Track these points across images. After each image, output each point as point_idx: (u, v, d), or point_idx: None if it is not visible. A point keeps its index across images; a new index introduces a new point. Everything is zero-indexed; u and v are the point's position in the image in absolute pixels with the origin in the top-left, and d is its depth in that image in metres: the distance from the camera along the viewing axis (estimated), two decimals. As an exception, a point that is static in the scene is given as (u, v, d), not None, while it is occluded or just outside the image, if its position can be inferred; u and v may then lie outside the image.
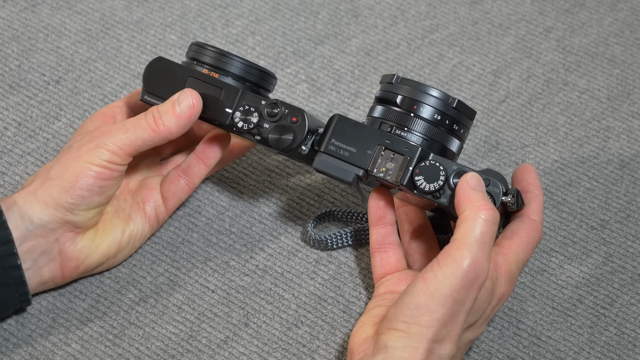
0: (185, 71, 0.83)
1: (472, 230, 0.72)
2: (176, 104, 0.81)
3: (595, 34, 1.03)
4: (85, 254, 0.82)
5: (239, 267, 0.87)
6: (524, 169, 0.82)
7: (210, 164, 0.86)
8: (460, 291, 0.71)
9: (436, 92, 0.79)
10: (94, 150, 0.79)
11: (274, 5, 1.04)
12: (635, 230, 0.90)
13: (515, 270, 0.78)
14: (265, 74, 0.84)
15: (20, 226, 0.78)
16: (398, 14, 1.04)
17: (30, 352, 0.82)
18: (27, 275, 0.80)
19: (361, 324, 0.77)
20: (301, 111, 0.80)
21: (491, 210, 0.73)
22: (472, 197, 0.73)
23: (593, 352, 0.83)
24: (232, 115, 0.81)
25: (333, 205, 0.91)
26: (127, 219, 0.85)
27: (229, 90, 0.82)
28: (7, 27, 1.01)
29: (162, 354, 0.82)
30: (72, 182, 0.79)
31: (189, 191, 0.87)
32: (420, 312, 0.71)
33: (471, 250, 0.71)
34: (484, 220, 0.72)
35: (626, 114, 0.98)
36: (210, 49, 0.83)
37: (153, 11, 1.03)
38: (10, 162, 0.92)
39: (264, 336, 0.84)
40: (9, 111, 0.96)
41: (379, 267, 0.82)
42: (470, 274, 0.71)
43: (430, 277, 0.72)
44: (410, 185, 0.77)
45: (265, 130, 0.81)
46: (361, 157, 0.79)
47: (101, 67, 0.99)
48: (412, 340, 0.72)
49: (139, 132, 0.80)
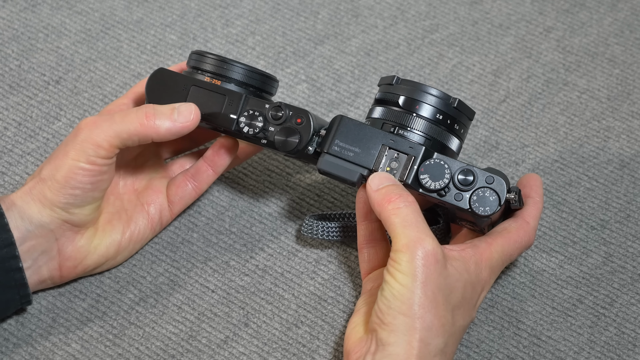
0: (188, 80, 0.83)
1: (398, 222, 0.75)
2: (176, 111, 0.80)
3: (595, 34, 1.03)
4: (83, 254, 0.82)
5: (239, 267, 0.87)
6: (530, 177, 0.83)
7: (219, 170, 0.86)
8: (424, 272, 0.73)
9: (437, 92, 0.79)
10: (79, 146, 0.78)
11: (274, 5, 1.04)
12: (635, 230, 0.90)
13: (497, 260, 0.79)
14: (267, 78, 0.84)
15: (21, 226, 0.78)
16: (398, 14, 1.04)
17: (30, 352, 0.82)
18: (26, 274, 0.79)
19: (354, 325, 0.78)
20: (305, 112, 0.81)
21: (399, 197, 0.76)
22: (379, 198, 0.77)
23: (593, 352, 0.83)
24: (237, 120, 0.82)
25: (333, 205, 0.91)
26: (128, 220, 0.84)
27: (232, 97, 0.82)
28: (7, 27, 1.01)
29: (162, 354, 0.82)
30: (63, 182, 0.78)
31: (196, 196, 0.87)
32: (398, 301, 0.73)
33: (408, 236, 0.74)
34: (400, 208, 0.76)
35: (626, 114, 0.98)
36: (210, 56, 0.83)
37: (153, 11, 1.03)
38: (10, 162, 0.92)
39: (264, 336, 0.84)
40: (9, 111, 0.96)
41: (367, 263, 0.83)
42: (421, 253, 0.74)
43: (392, 271, 0.74)
44: (416, 184, 0.78)
45: (271, 134, 0.81)
46: (365, 157, 0.79)
47: (101, 67, 0.99)
48: (404, 333, 0.73)
49: (126, 125, 0.79)
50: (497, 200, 0.77)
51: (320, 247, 0.88)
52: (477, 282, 0.77)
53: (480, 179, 0.78)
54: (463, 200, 0.78)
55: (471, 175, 0.77)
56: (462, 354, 0.83)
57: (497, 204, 0.77)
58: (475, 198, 0.77)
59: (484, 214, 0.77)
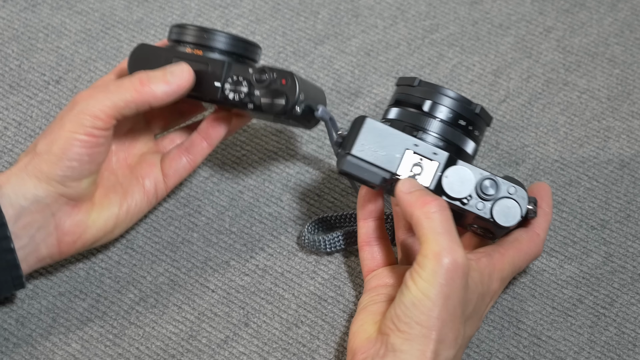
0: (169, 53, 0.82)
1: (430, 227, 0.73)
2: (168, 72, 0.80)
3: (595, 34, 1.03)
4: (82, 228, 0.81)
5: (239, 267, 0.87)
6: (540, 186, 0.83)
7: (213, 143, 0.86)
8: (448, 284, 0.71)
9: (460, 97, 0.79)
10: (76, 118, 0.78)
11: (274, 5, 1.04)
12: (635, 230, 0.90)
13: (507, 271, 0.78)
14: (248, 44, 0.84)
15: (15, 203, 0.78)
16: (398, 14, 1.04)
17: (30, 352, 0.82)
18: (24, 253, 0.79)
19: (361, 323, 0.77)
20: (290, 73, 0.80)
21: (434, 201, 0.74)
22: (412, 200, 0.74)
23: (593, 352, 0.83)
24: (222, 88, 0.81)
25: (333, 205, 0.91)
26: (124, 193, 0.84)
27: (215, 65, 0.81)
28: (7, 27, 1.01)
29: (162, 354, 0.82)
30: (60, 154, 0.78)
31: (191, 169, 0.87)
32: (418, 310, 0.72)
33: (440, 243, 0.72)
34: (434, 213, 0.73)
35: (626, 114, 0.98)
36: (190, 27, 0.82)
37: (153, 11, 1.03)
38: (10, 162, 0.92)
39: (264, 336, 0.84)
40: (9, 111, 0.96)
41: (369, 261, 0.83)
42: (450, 265, 0.71)
43: (416, 277, 0.72)
44: (438, 191, 0.77)
45: (257, 98, 0.81)
46: (389, 160, 0.78)
47: (101, 67, 0.99)
48: (419, 343, 0.71)
49: (122, 94, 0.78)
50: (519, 212, 0.77)
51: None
52: (488, 293, 0.77)
53: (503, 189, 0.77)
54: (485, 210, 0.77)
55: (494, 185, 0.77)
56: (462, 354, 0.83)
57: (518, 215, 0.77)
58: (498, 208, 0.77)
59: (506, 225, 0.77)
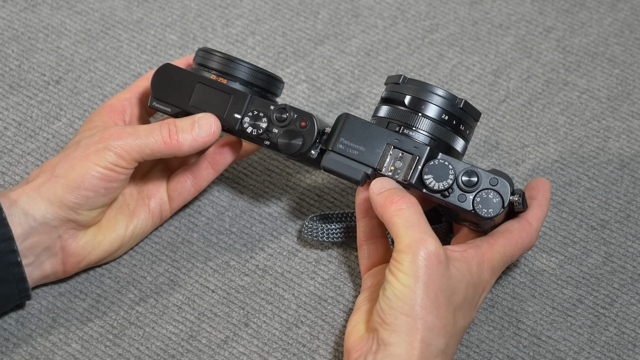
0: (193, 77, 0.83)
1: (400, 223, 0.75)
2: (196, 125, 0.81)
3: (595, 34, 1.03)
4: (87, 250, 0.82)
5: (239, 267, 0.87)
6: (539, 181, 0.83)
7: (219, 169, 0.86)
8: (426, 273, 0.73)
9: (443, 92, 0.79)
10: (101, 152, 0.79)
11: (274, 5, 1.04)
12: (635, 230, 0.90)
13: (498, 261, 0.79)
14: (272, 79, 0.84)
15: (24, 223, 0.78)
16: (398, 14, 1.04)
17: (30, 352, 0.82)
18: (28, 270, 0.80)
19: (354, 323, 0.78)
20: (310, 116, 0.81)
21: (402, 198, 0.76)
22: (382, 201, 0.77)
23: (593, 352, 0.83)
24: (242, 120, 0.82)
25: (333, 205, 0.91)
26: (131, 214, 0.85)
27: (238, 96, 0.82)
28: (7, 27, 1.01)
29: (162, 354, 0.82)
30: (78, 182, 0.79)
31: (195, 193, 0.87)
32: (400, 301, 0.73)
33: (410, 236, 0.74)
34: (403, 210, 0.76)
35: (626, 114, 0.98)
36: (217, 54, 0.83)
37: (153, 11, 1.03)
38: (10, 162, 0.92)
39: (264, 336, 0.84)
40: (9, 111, 0.96)
41: (367, 259, 0.83)
42: (424, 254, 0.74)
43: (394, 271, 0.74)
44: (419, 184, 0.78)
45: (274, 135, 0.81)
46: (370, 155, 0.79)
47: (101, 67, 0.99)
48: (406, 333, 0.73)
49: (150, 141, 0.80)
50: (501, 203, 0.77)
51: (320, 247, 0.88)
52: (479, 282, 0.77)
53: (485, 180, 0.77)
54: (466, 202, 0.77)
55: (475, 176, 0.77)
56: (462, 354, 0.83)
57: (500, 206, 0.77)
58: (478, 200, 0.77)
59: (487, 216, 0.77)
